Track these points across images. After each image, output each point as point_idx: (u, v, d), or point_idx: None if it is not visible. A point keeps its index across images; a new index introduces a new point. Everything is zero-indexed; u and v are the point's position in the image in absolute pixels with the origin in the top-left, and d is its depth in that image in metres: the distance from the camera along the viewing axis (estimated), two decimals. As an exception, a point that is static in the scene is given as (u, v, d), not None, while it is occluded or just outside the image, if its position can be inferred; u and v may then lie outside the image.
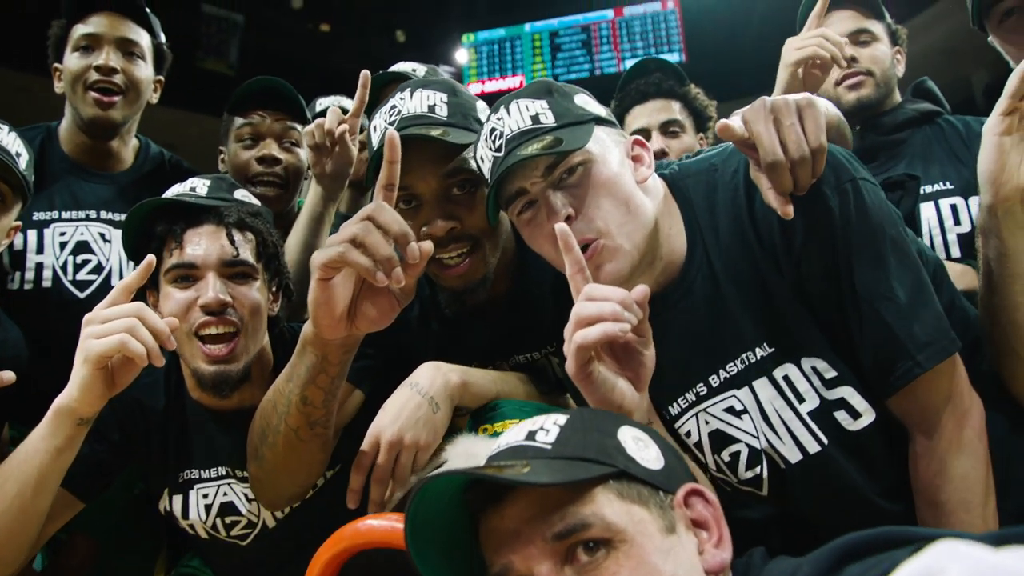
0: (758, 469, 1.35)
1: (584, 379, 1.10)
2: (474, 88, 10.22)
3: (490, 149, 1.34)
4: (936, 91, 2.32)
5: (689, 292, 1.34)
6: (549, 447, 0.90)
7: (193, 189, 1.68)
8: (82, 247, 2.11)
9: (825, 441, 1.29)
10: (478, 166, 1.42)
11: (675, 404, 1.40)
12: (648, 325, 1.13)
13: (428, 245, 1.15)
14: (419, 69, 2.98)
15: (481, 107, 1.58)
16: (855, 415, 1.28)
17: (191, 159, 2.52)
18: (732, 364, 1.32)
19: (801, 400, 1.29)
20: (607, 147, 1.32)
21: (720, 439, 1.37)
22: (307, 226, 2.05)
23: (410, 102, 1.52)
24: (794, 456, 1.31)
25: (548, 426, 0.94)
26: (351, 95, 2.28)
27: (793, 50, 1.91)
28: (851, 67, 2.22)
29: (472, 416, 1.54)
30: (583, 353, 1.07)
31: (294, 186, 2.33)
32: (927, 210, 2.07)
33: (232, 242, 1.56)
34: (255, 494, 1.58)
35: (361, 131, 2.22)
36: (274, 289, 1.68)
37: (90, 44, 2.12)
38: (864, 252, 1.22)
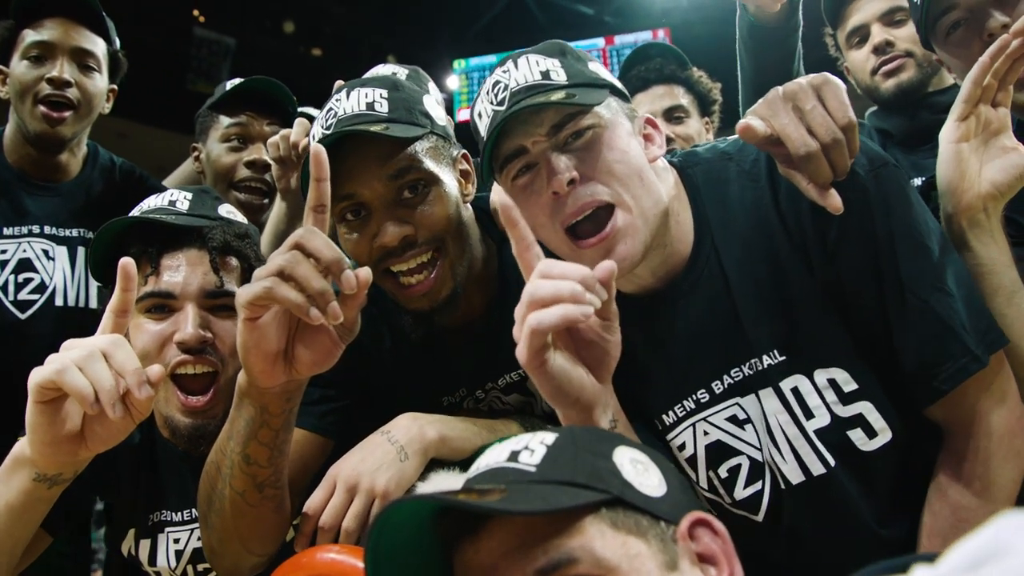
0: (759, 485, 1.24)
1: (537, 368, 0.95)
2: (464, 115, 10.20)
3: (491, 103, 1.21)
4: None
5: (694, 288, 1.23)
6: (533, 470, 0.77)
7: (173, 203, 1.49)
8: (24, 265, 1.97)
9: (832, 463, 1.17)
10: (473, 124, 1.29)
11: (670, 413, 1.27)
12: (615, 307, 0.98)
13: (366, 273, 1.02)
14: (400, 72, 2.92)
15: (429, 100, 1.44)
16: (871, 434, 1.16)
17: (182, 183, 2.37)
18: (737, 369, 1.21)
19: (810, 416, 1.18)
20: (619, 118, 1.21)
21: (719, 452, 1.24)
22: (271, 245, 1.91)
23: (346, 102, 1.36)
24: (795, 477, 1.20)
25: (534, 446, 0.80)
26: None
27: None
28: (887, 52, 2.09)
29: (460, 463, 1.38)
30: (537, 339, 0.93)
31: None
32: None
33: (215, 269, 1.39)
34: (211, 564, 1.37)
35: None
36: None
37: (42, 53, 1.97)
38: (908, 240, 1.11)
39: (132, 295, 1.11)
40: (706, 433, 1.25)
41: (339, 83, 1.80)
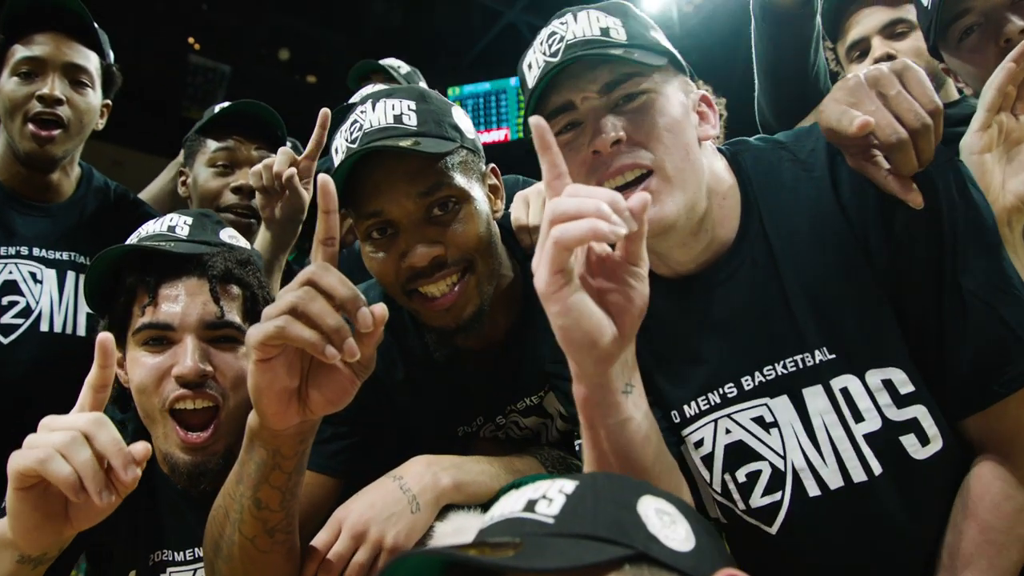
0: (778, 495, 1.18)
1: (554, 294, 0.86)
2: (459, 141, 10.22)
3: (543, 54, 1.16)
4: None
5: (733, 276, 1.18)
6: (551, 521, 0.72)
7: (172, 228, 1.44)
8: (9, 287, 1.91)
9: (879, 470, 1.12)
10: (521, 75, 1.23)
11: (692, 404, 1.21)
12: (644, 251, 0.89)
13: (382, 309, 0.96)
14: (403, 67, 2.96)
15: (457, 112, 1.39)
16: (924, 440, 1.11)
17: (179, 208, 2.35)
18: (771, 367, 1.16)
19: (859, 419, 1.12)
20: (675, 89, 1.17)
21: (739, 454, 1.19)
22: None
23: (372, 114, 1.31)
24: (835, 482, 1.13)
25: (552, 494, 0.75)
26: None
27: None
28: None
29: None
30: (560, 256, 0.83)
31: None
32: None
33: (216, 299, 1.34)
34: None
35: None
36: None
37: (33, 69, 1.91)
38: (974, 239, 1.08)
39: (111, 371, 1.08)
40: (728, 431, 1.20)
41: (325, 111, 1.80)
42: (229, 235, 1.52)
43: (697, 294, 1.21)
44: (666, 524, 0.74)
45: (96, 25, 2.02)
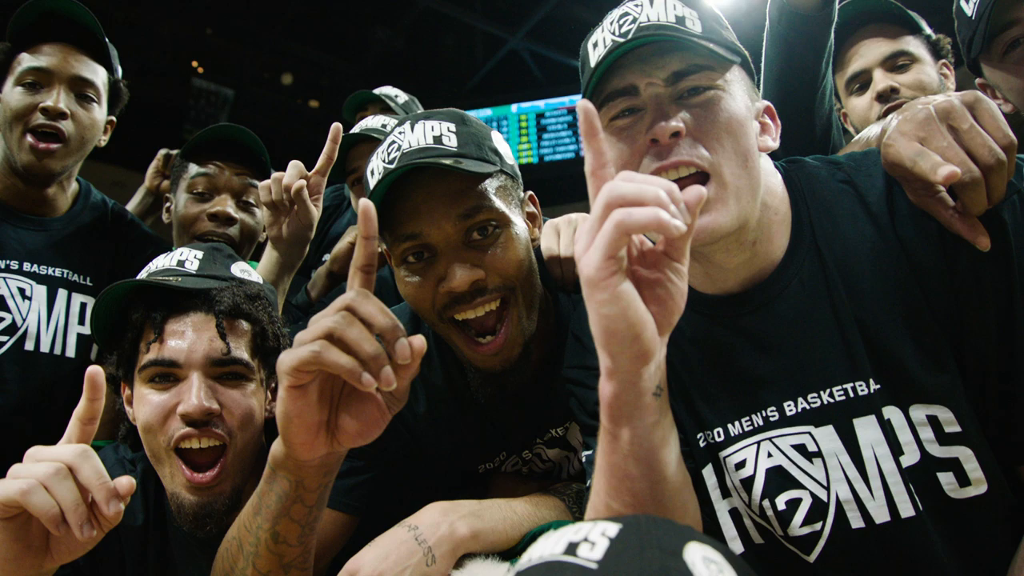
0: (818, 526, 1.12)
1: (605, 279, 0.80)
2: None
3: (612, 33, 1.10)
4: None
5: (779, 298, 1.13)
6: (594, 566, 0.69)
7: (182, 263, 1.41)
8: None
9: (919, 508, 1.06)
10: (584, 55, 1.17)
11: (736, 424, 1.16)
12: (688, 245, 0.84)
13: (420, 341, 0.94)
14: (401, 96, 2.96)
15: (497, 137, 1.36)
16: (964, 482, 1.04)
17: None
18: (816, 395, 1.10)
19: (899, 453, 1.07)
20: (743, 92, 1.12)
21: (779, 480, 1.14)
22: None
23: (411, 135, 1.27)
24: (880, 516, 1.08)
25: (594, 538, 0.72)
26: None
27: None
28: (892, 99, 1.98)
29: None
30: (620, 239, 0.78)
31: (246, 250, 2.09)
32: None
33: (222, 335, 1.32)
34: None
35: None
36: (274, 387, 1.38)
37: (38, 80, 1.86)
38: None
39: (99, 404, 1.05)
40: (770, 455, 1.14)
41: (336, 125, 1.77)
42: (241, 269, 1.49)
43: (741, 313, 1.16)
44: (713, 572, 0.70)
45: (107, 39, 1.98)
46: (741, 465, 1.19)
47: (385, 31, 9.16)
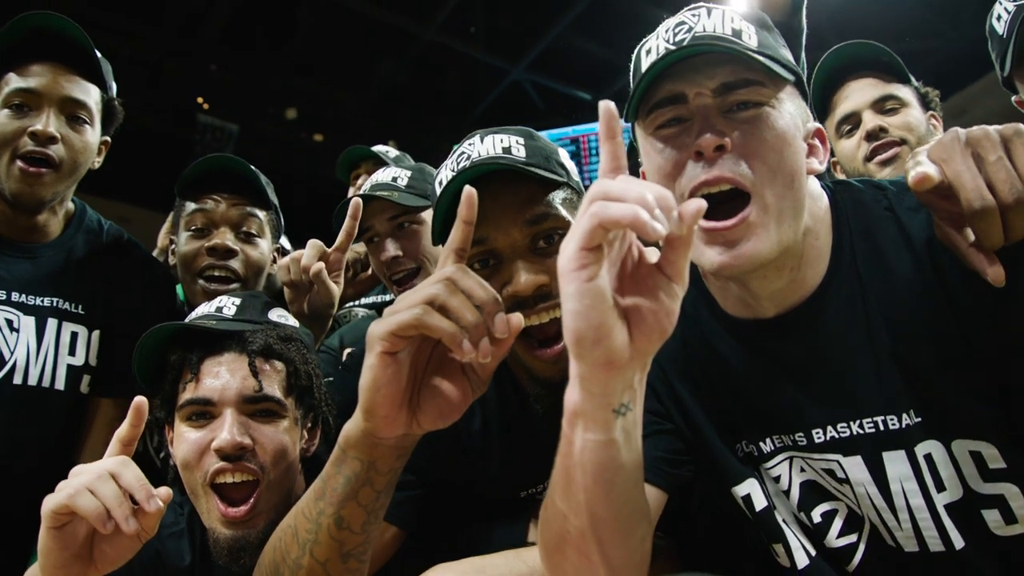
0: (854, 537, 1.14)
1: (575, 271, 0.74)
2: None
3: (666, 41, 1.07)
4: None
5: (813, 324, 1.11)
6: None
7: (220, 309, 1.49)
8: None
9: (960, 543, 1.06)
10: (637, 61, 1.14)
11: (768, 441, 1.16)
12: (686, 271, 0.80)
13: (518, 318, 0.94)
14: (391, 152, 2.94)
15: (563, 154, 1.39)
16: (1010, 519, 1.00)
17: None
18: (846, 425, 1.08)
19: (941, 488, 1.03)
20: (793, 111, 1.10)
21: (814, 494, 1.16)
22: None
23: (481, 146, 1.31)
24: (909, 546, 1.06)
25: None
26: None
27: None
28: (880, 138, 1.97)
29: None
30: (595, 232, 0.73)
31: (253, 283, 1.98)
32: None
33: (255, 374, 1.38)
34: None
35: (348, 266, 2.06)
36: (309, 426, 1.43)
37: (26, 102, 1.75)
38: None
39: (138, 430, 1.14)
40: (803, 470, 1.13)
41: (356, 201, 1.74)
42: (278, 315, 1.55)
43: (774, 338, 1.14)
44: None
45: (99, 54, 1.88)
46: (777, 480, 1.19)
47: (389, 64, 9.24)
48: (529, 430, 1.44)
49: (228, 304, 1.50)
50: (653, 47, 1.11)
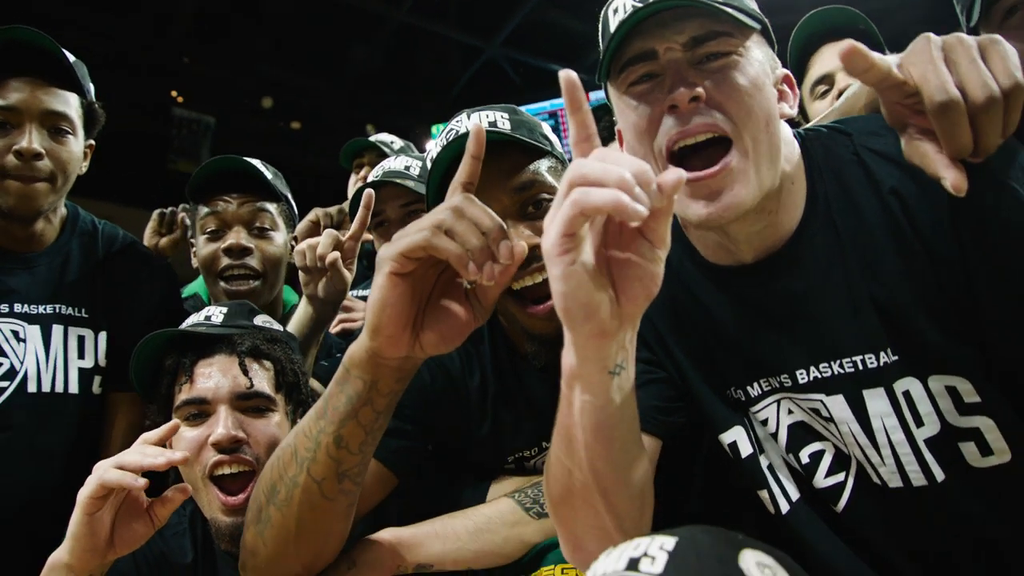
0: (841, 476, 1.16)
1: (558, 256, 0.79)
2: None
3: (633, 0, 1.07)
4: None
5: (791, 268, 1.13)
6: None
7: (208, 318, 1.59)
8: None
9: (941, 476, 1.07)
10: (603, 23, 1.15)
11: (755, 385, 1.20)
12: (667, 235, 0.82)
13: (521, 247, 0.97)
14: (396, 142, 3.00)
15: (547, 128, 1.49)
16: (986, 451, 1.05)
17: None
18: (827, 365, 1.12)
19: (920, 424, 1.08)
20: (762, 58, 1.11)
21: (801, 434, 1.17)
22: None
23: (468, 122, 1.41)
24: (894, 482, 1.10)
25: (653, 551, 0.74)
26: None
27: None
28: None
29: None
30: (577, 220, 0.76)
31: (273, 276, 2.04)
32: None
33: (245, 372, 1.48)
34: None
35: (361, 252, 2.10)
36: (298, 420, 1.48)
37: (7, 120, 1.76)
38: None
39: (168, 436, 1.28)
40: (790, 412, 1.17)
41: (369, 192, 1.78)
42: (262, 320, 1.66)
43: (755, 283, 1.17)
44: None
45: (73, 58, 1.88)
46: (765, 423, 1.23)
47: (362, 48, 9.17)
48: (520, 396, 1.52)
49: (216, 313, 1.60)
50: (620, 6, 1.12)
